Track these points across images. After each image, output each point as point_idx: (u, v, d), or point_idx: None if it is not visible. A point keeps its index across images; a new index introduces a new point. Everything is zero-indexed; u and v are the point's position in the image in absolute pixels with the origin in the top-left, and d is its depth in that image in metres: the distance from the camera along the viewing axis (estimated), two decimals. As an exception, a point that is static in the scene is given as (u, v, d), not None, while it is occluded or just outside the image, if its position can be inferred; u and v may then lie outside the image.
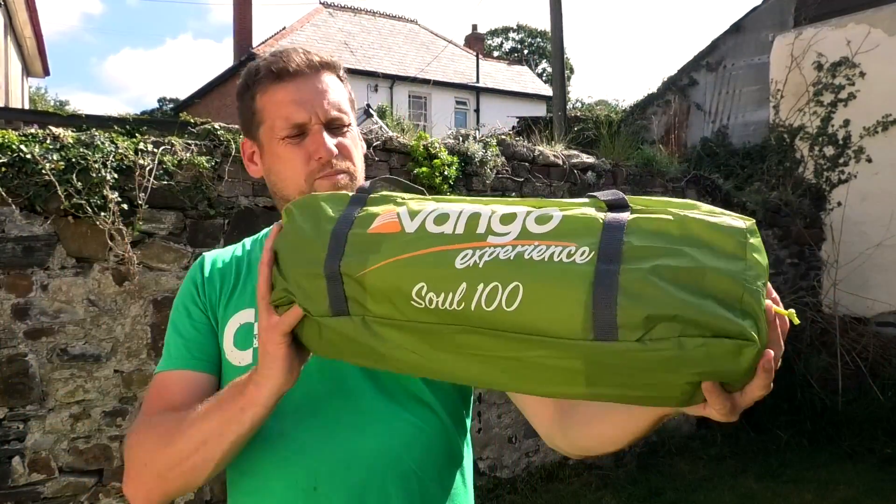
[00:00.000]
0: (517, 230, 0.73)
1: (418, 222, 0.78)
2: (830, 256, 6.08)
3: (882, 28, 5.99)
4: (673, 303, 0.64)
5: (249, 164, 1.15)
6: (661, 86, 7.87)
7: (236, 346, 1.06)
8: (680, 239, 0.68)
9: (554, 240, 0.71)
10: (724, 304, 0.64)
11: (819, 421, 5.21)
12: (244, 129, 1.14)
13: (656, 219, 0.70)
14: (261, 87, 1.08)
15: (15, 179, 2.67)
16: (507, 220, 0.75)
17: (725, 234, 0.68)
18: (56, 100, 25.31)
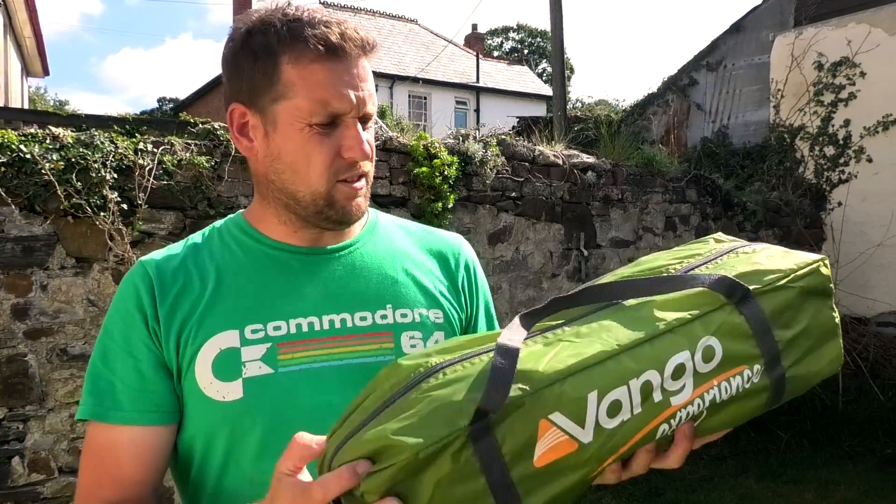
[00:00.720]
0: (691, 381, 0.70)
1: (591, 424, 0.64)
2: (831, 256, 6.08)
3: (882, 28, 5.99)
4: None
5: (240, 138, 0.94)
6: (661, 86, 7.87)
7: (217, 376, 0.87)
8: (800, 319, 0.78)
9: (726, 371, 0.72)
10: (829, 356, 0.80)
11: (819, 421, 5.21)
12: (243, 93, 0.91)
13: (774, 296, 0.76)
14: (295, 55, 0.87)
15: (15, 179, 2.67)
16: (677, 373, 0.69)
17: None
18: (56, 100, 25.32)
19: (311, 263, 0.95)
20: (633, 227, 4.86)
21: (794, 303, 0.76)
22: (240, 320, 0.89)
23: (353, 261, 0.97)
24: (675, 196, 5.12)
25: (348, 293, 0.94)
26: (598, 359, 0.67)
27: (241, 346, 0.88)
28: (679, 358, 0.69)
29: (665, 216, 5.03)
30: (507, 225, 4.21)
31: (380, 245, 1.01)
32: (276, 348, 0.88)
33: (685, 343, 0.70)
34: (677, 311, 0.72)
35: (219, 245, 0.96)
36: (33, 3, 10.77)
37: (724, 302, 0.73)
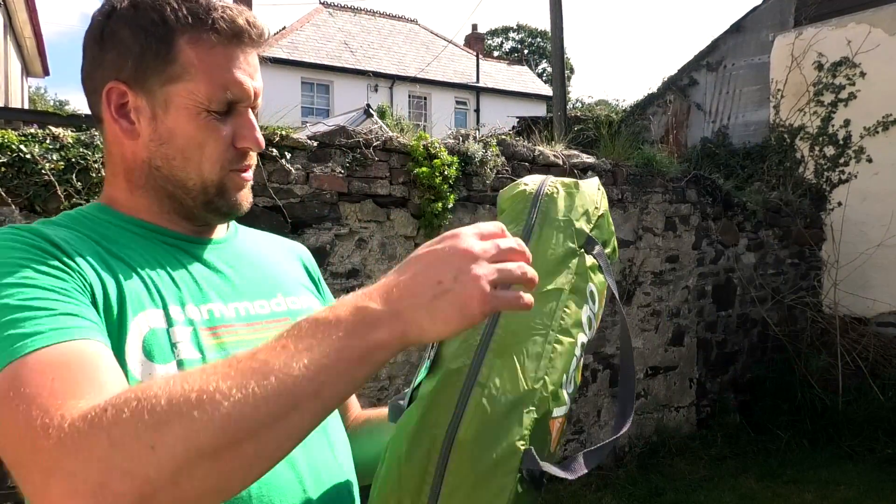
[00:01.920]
0: (596, 322, 0.91)
1: (567, 399, 0.83)
2: (831, 256, 6.08)
3: (882, 28, 5.99)
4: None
5: (119, 119, 0.85)
6: (661, 86, 7.87)
7: (148, 356, 0.76)
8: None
9: (602, 300, 0.93)
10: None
11: (819, 421, 5.21)
12: (125, 72, 0.83)
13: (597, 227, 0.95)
14: (195, 36, 0.83)
15: (15, 179, 2.67)
16: (589, 324, 0.87)
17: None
18: (56, 100, 25.33)
19: (201, 251, 0.91)
20: (634, 228, 4.86)
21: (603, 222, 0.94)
22: (160, 300, 0.81)
23: (236, 252, 0.95)
24: (675, 196, 5.12)
25: (243, 282, 0.92)
26: (549, 352, 0.80)
27: (168, 326, 0.79)
28: (585, 312, 0.85)
29: (665, 216, 5.03)
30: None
31: (249, 241, 1.01)
32: (199, 332, 0.82)
33: (582, 298, 0.86)
34: (558, 274, 0.86)
35: (93, 228, 0.84)
36: (33, 4, 10.77)
37: (576, 251, 0.88)
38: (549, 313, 0.81)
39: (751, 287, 5.58)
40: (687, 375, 5.20)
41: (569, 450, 4.49)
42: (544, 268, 0.82)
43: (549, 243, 0.86)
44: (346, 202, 3.56)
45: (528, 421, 0.75)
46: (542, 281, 0.78)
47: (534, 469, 0.73)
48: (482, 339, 0.77)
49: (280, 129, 3.40)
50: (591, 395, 4.61)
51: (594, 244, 0.89)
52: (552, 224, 0.88)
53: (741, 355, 5.58)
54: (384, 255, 3.68)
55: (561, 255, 0.86)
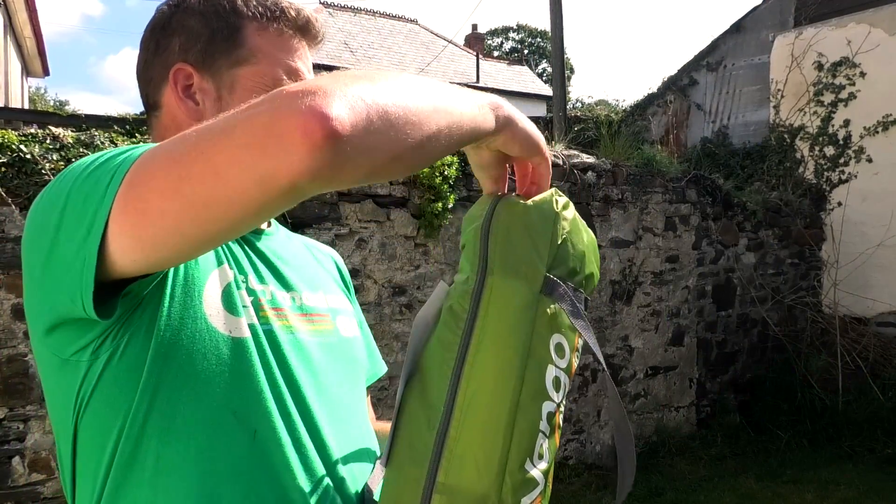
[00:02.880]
0: (565, 381, 0.80)
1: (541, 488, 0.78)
2: (831, 256, 6.08)
3: (882, 28, 5.99)
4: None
5: (185, 100, 0.87)
6: (661, 86, 7.88)
7: (225, 307, 0.79)
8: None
9: (574, 352, 0.82)
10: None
11: (819, 421, 5.21)
12: (192, 54, 0.86)
13: (558, 263, 0.81)
14: (263, 25, 0.87)
15: (15, 179, 2.67)
16: (556, 385, 0.77)
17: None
18: (56, 100, 25.32)
19: (256, 239, 0.92)
20: (633, 228, 4.86)
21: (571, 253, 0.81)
22: (229, 263, 0.83)
23: (280, 246, 0.96)
24: (675, 196, 5.12)
25: (293, 273, 0.93)
26: (509, 438, 0.73)
27: (237, 288, 0.81)
28: (550, 374, 0.76)
29: (665, 216, 5.03)
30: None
31: (290, 239, 1.02)
32: (259, 302, 0.83)
33: (545, 357, 0.76)
34: (511, 336, 0.75)
35: None
36: (33, 4, 10.77)
37: (535, 299, 0.77)
38: (504, 391, 0.73)
39: (751, 287, 5.58)
40: (687, 375, 5.20)
41: (568, 449, 4.49)
42: (499, 334, 0.74)
43: (502, 300, 0.75)
44: (346, 202, 3.56)
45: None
46: (494, 353, 0.73)
47: None
48: (437, 435, 0.72)
49: (280, 129, 3.40)
50: (591, 395, 4.61)
51: (556, 286, 0.76)
52: (502, 271, 0.76)
53: (741, 355, 5.58)
54: (384, 255, 3.68)
55: (514, 312, 0.75)
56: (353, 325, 1.00)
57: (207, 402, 0.75)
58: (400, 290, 3.76)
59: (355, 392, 0.93)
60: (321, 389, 0.84)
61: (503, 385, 0.73)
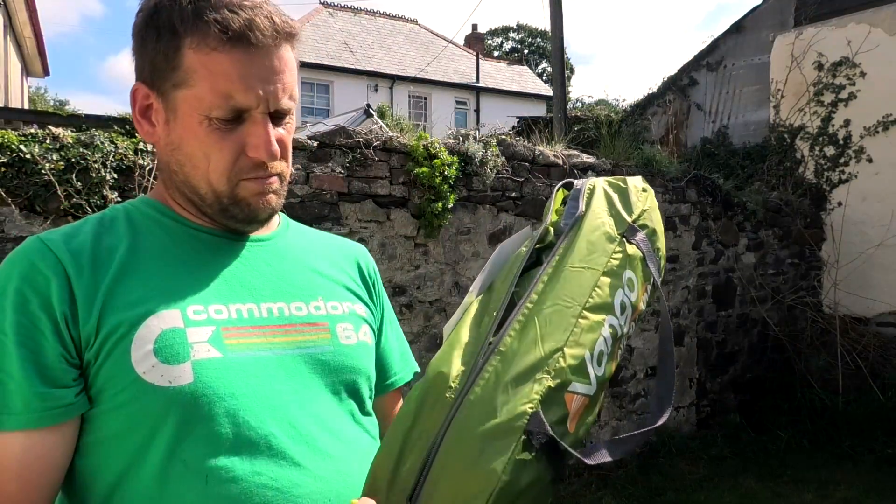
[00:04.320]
0: (630, 312, 0.94)
1: (594, 378, 0.83)
2: (831, 256, 6.08)
3: (882, 28, 5.99)
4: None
5: (142, 121, 0.85)
6: (661, 86, 7.87)
7: (160, 358, 0.75)
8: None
9: (643, 292, 0.98)
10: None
11: (819, 421, 5.21)
12: (146, 73, 0.83)
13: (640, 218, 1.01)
14: (198, 40, 0.79)
15: (15, 179, 2.67)
16: (622, 309, 0.91)
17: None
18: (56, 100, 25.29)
19: (240, 249, 0.89)
20: (633, 227, 4.85)
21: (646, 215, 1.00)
22: (179, 300, 0.80)
23: (279, 251, 0.93)
24: (676, 196, 5.12)
25: (282, 282, 0.89)
26: (573, 324, 0.82)
27: (185, 326, 0.78)
28: (618, 297, 0.88)
29: (665, 216, 5.03)
30: (507, 225, 4.22)
31: (299, 241, 0.98)
32: (221, 332, 0.80)
33: (617, 282, 0.88)
34: (594, 254, 0.90)
35: (134, 226, 0.85)
36: (33, 4, 10.77)
37: (615, 237, 0.92)
38: (579, 289, 0.84)
39: (751, 287, 5.58)
40: (687, 375, 5.20)
41: (569, 450, 4.49)
42: (584, 247, 0.88)
43: (592, 225, 0.91)
44: (346, 202, 3.56)
45: (539, 388, 0.75)
46: (579, 259, 0.86)
47: (540, 433, 0.72)
48: (507, 302, 0.84)
49: (280, 129, 3.40)
50: (591, 395, 4.61)
51: (636, 231, 0.93)
52: (595, 213, 0.93)
53: (741, 355, 5.58)
54: (384, 255, 3.68)
55: (600, 237, 0.90)
56: (364, 330, 0.95)
57: (155, 457, 0.75)
58: (400, 289, 3.76)
59: (343, 404, 0.88)
60: (289, 408, 0.81)
61: (578, 285, 0.84)
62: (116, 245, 0.82)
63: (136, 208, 0.89)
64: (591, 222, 0.91)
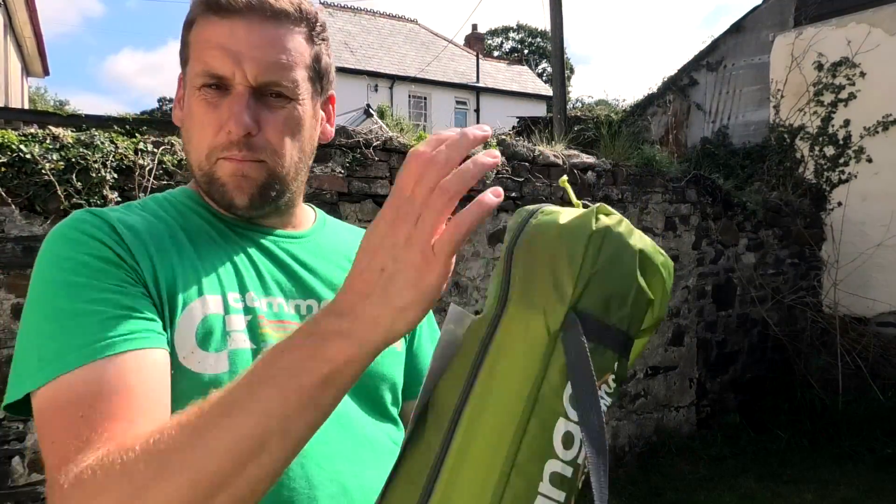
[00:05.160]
0: (579, 436, 0.62)
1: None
2: (831, 256, 6.09)
3: (882, 28, 5.99)
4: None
5: (175, 108, 0.90)
6: (661, 86, 7.87)
7: (200, 344, 0.74)
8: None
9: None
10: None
11: (819, 421, 5.21)
12: (181, 61, 0.88)
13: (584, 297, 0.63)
14: (200, 17, 0.82)
15: (15, 179, 2.67)
16: (567, 442, 0.61)
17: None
18: (56, 100, 25.32)
19: (273, 244, 0.88)
20: (633, 227, 4.86)
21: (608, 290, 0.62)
22: (220, 286, 0.79)
23: (312, 249, 0.91)
24: (675, 196, 5.12)
25: (312, 281, 0.88)
26: (497, 499, 0.59)
27: (226, 313, 0.77)
28: (559, 429, 0.60)
29: (665, 216, 5.03)
30: (507, 225, 4.22)
31: (333, 239, 0.96)
32: (257, 320, 0.79)
33: (555, 410, 0.60)
34: (519, 380, 0.61)
35: (174, 211, 0.85)
36: (33, 4, 10.77)
37: (548, 342, 0.61)
38: (498, 451, 0.59)
39: (751, 287, 5.58)
40: (687, 375, 5.20)
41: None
42: (505, 376, 0.61)
43: (513, 337, 0.61)
44: (347, 202, 3.56)
45: None
46: (501, 398, 0.60)
47: None
48: (423, 489, 0.60)
49: (280, 129, 3.40)
50: (591, 395, 4.61)
51: (570, 325, 0.60)
52: (519, 301, 0.62)
53: (741, 355, 5.58)
54: (384, 255, 3.68)
55: (525, 350, 0.60)
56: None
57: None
58: (400, 290, 3.77)
59: (364, 406, 0.85)
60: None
61: (498, 439, 0.60)
62: (166, 224, 0.82)
63: (175, 198, 0.89)
64: (513, 328, 0.61)
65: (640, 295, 0.63)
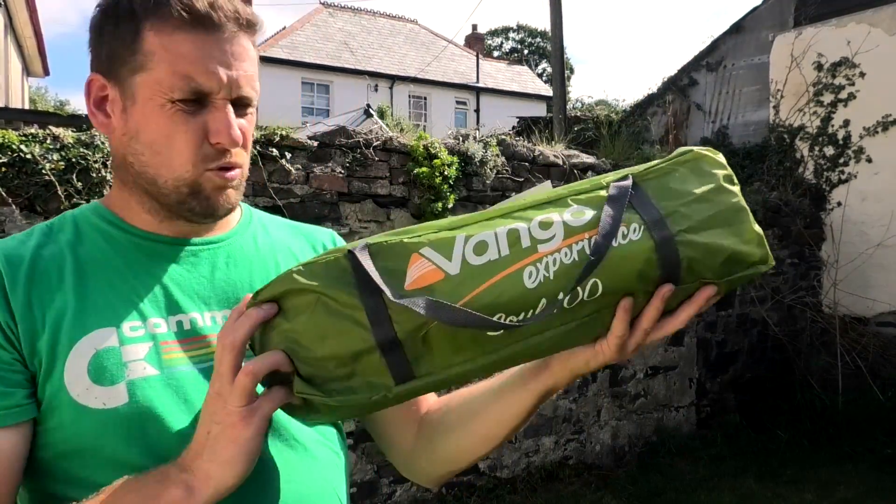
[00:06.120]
0: (561, 231, 0.74)
1: (458, 259, 0.72)
2: (830, 256, 6.09)
3: (882, 28, 6.00)
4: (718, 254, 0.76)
5: (96, 113, 0.83)
6: (661, 86, 7.87)
7: (94, 379, 0.74)
8: (690, 192, 0.78)
9: (597, 228, 0.75)
10: (744, 234, 0.78)
11: (819, 421, 5.21)
12: (103, 62, 0.81)
13: (659, 176, 0.80)
14: (158, 23, 0.77)
15: (15, 179, 2.67)
16: (545, 225, 0.74)
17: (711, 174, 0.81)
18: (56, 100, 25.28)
19: (187, 255, 0.86)
20: (633, 228, 4.85)
21: (673, 179, 0.79)
22: (114, 317, 0.78)
23: (231, 253, 0.89)
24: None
25: (230, 288, 0.86)
26: (470, 220, 0.75)
27: (121, 345, 0.77)
28: (549, 216, 0.74)
29: (665, 216, 5.03)
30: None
31: (259, 238, 0.94)
32: (159, 347, 0.78)
33: (555, 208, 0.75)
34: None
35: (78, 235, 0.84)
36: (34, 4, 10.77)
37: (602, 186, 0.78)
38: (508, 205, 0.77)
39: (750, 287, 5.58)
40: (687, 375, 5.20)
41: (568, 449, 4.49)
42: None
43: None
44: (347, 202, 3.57)
45: (386, 239, 0.73)
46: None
47: (357, 262, 0.70)
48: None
49: (280, 129, 3.41)
50: (591, 395, 4.61)
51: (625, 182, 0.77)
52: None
53: (741, 355, 5.58)
54: (384, 255, 3.68)
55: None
56: None
57: (100, 479, 0.72)
58: (400, 290, 3.77)
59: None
60: None
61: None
62: (56, 257, 0.81)
63: (83, 215, 0.87)
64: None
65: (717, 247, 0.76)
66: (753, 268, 0.77)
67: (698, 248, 0.75)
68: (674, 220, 0.75)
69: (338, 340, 0.69)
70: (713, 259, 0.75)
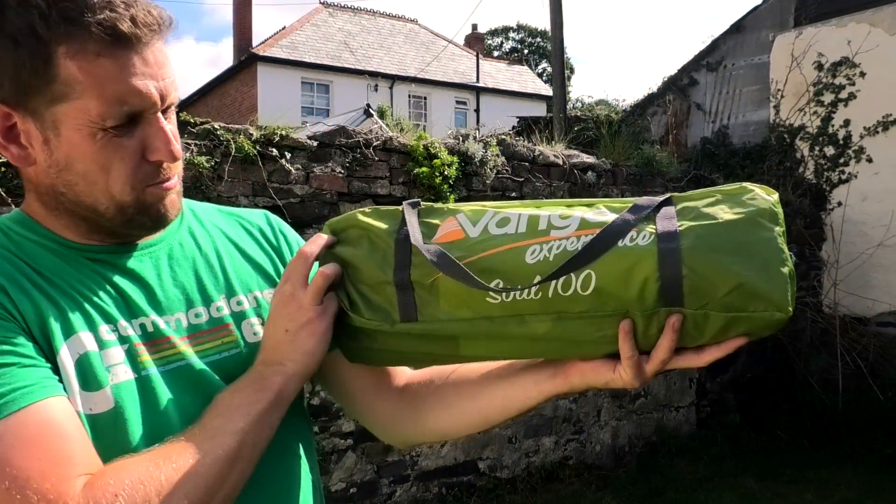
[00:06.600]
0: (576, 224, 0.80)
1: (481, 227, 0.83)
2: (831, 256, 6.08)
3: (882, 28, 5.99)
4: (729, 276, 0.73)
5: (8, 146, 0.76)
6: (661, 85, 7.87)
7: (83, 386, 0.73)
8: (715, 217, 0.77)
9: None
10: (766, 271, 0.74)
11: (819, 421, 5.21)
12: (4, 90, 0.73)
13: (696, 198, 0.81)
14: (75, 47, 0.70)
15: (15, 179, 2.67)
16: (565, 217, 0.81)
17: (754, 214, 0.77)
18: None
19: (129, 262, 0.83)
20: (633, 227, 4.85)
21: (708, 204, 0.79)
22: (89, 321, 0.76)
23: (173, 253, 0.87)
24: (675, 196, 5.12)
25: (177, 291, 0.85)
26: (509, 205, 0.86)
27: (101, 349, 0.75)
28: (572, 211, 0.82)
29: (665, 216, 5.03)
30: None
31: (196, 233, 0.92)
32: (135, 349, 0.78)
33: (583, 207, 0.83)
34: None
35: (17, 245, 0.79)
36: (33, 3, 10.77)
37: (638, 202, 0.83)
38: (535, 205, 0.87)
39: (751, 287, 5.58)
40: (687, 375, 5.20)
41: (568, 449, 4.49)
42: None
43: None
44: (347, 202, 3.57)
45: (440, 206, 0.90)
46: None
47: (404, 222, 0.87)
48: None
49: (280, 129, 3.40)
50: (591, 394, 4.61)
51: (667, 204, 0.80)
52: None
53: (741, 355, 5.58)
54: (384, 255, 3.69)
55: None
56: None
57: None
58: (400, 290, 3.77)
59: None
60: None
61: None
62: (13, 264, 0.76)
63: (10, 229, 0.81)
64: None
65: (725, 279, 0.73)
66: (768, 312, 0.72)
67: (705, 268, 0.73)
68: (686, 236, 0.75)
69: (371, 268, 0.84)
70: (720, 284, 0.72)
